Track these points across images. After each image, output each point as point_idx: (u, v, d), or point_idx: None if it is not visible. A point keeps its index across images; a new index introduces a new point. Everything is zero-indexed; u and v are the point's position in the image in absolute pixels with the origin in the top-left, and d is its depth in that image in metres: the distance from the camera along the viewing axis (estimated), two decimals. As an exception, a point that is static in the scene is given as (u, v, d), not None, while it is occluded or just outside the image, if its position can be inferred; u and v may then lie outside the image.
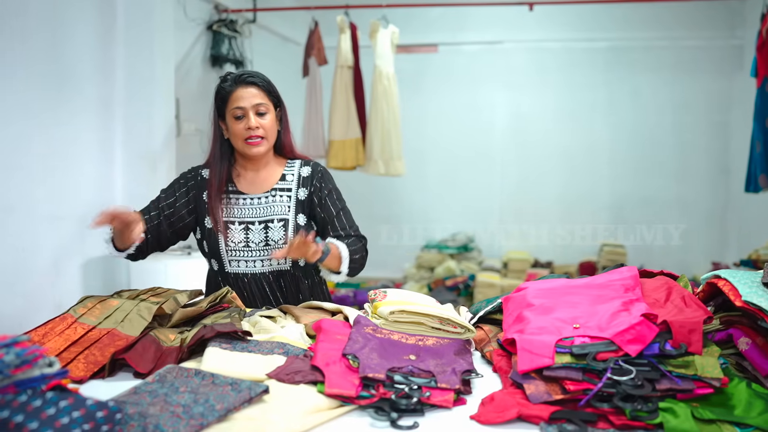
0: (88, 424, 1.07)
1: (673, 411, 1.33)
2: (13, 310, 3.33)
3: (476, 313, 1.99)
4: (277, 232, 2.42)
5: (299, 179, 2.50)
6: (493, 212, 7.46)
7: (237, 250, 2.42)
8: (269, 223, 2.42)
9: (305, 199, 2.48)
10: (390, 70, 5.52)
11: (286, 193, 2.47)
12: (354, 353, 1.58)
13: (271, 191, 2.47)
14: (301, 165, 2.54)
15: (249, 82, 2.41)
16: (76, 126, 3.77)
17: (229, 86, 2.42)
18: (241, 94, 2.40)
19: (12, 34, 3.29)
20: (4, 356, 1.12)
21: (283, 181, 2.49)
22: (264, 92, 2.42)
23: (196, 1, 5.16)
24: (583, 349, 1.47)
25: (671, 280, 1.77)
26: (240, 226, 2.42)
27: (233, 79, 2.43)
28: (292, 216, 2.44)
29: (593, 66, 7.21)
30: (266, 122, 2.40)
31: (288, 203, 2.46)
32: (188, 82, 5.11)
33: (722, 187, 7.09)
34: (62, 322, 1.86)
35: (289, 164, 2.54)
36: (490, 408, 1.39)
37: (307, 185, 2.49)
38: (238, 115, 2.39)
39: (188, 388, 1.44)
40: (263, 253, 2.42)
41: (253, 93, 2.40)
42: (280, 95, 2.51)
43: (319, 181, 2.50)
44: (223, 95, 2.44)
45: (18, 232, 3.37)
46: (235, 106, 2.39)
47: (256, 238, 2.42)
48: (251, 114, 2.38)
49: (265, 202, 2.45)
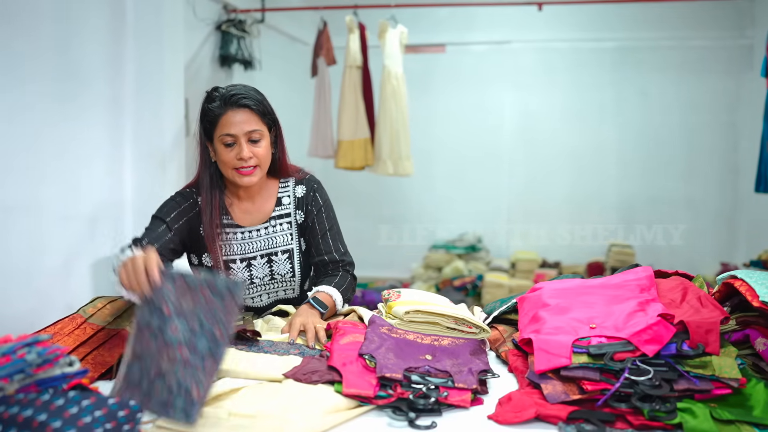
0: (110, 423, 1.08)
1: (691, 411, 1.33)
2: (24, 310, 3.33)
3: (490, 313, 1.98)
4: (282, 265, 2.25)
5: (296, 201, 2.30)
6: (501, 212, 7.46)
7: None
8: (272, 256, 2.25)
9: (303, 222, 2.30)
10: (399, 70, 5.52)
11: (286, 220, 2.28)
12: (370, 353, 1.58)
13: (270, 221, 2.27)
14: (295, 184, 2.32)
15: (241, 105, 2.11)
16: (86, 125, 3.78)
17: (218, 108, 2.12)
18: (231, 119, 2.10)
19: (22, 33, 3.30)
20: (26, 355, 1.13)
21: (279, 207, 2.28)
22: (257, 115, 2.14)
23: (205, 1, 5.16)
24: (600, 349, 1.47)
25: (686, 281, 1.77)
26: (242, 264, 2.23)
27: (223, 100, 2.12)
28: (295, 243, 2.28)
29: (601, 66, 7.19)
30: (260, 150, 2.13)
31: (289, 230, 2.28)
32: (197, 81, 5.12)
33: (731, 187, 7.07)
34: (72, 322, 1.86)
35: (282, 185, 2.31)
36: (507, 408, 1.39)
37: (302, 207, 2.29)
38: (228, 142, 2.11)
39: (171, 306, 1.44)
40: (269, 287, 2.28)
41: (245, 118, 2.11)
42: (275, 113, 2.24)
43: (312, 201, 2.30)
44: (211, 118, 2.13)
45: (28, 232, 3.37)
46: (225, 133, 2.10)
47: (260, 273, 2.25)
48: (243, 142, 2.10)
49: (266, 234, 2.25)
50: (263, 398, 1.43)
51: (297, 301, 2.33)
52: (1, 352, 1.11)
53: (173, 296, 1.47)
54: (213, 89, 2.18)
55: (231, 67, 5.55)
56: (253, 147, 2.12)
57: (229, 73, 5.58)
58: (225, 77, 5.55)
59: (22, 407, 1.06)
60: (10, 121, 3.24)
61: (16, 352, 1.12)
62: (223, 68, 5.49)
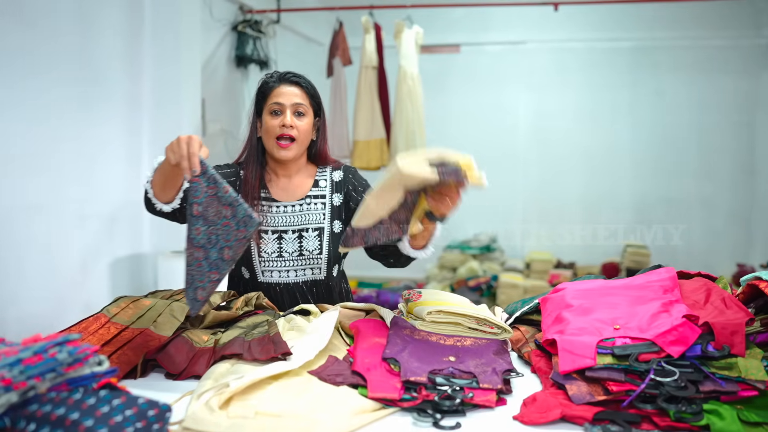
0: (141, 423, 1.09)
1: (718, 413, 1.32)
2: (44, 309, 3.36)
3: (512, 313, 1.98)
4: (312, 241, 2.33)
5: (332, 185, 2.42)
6: (515, 212, 7.45)
7: (270, 261, 2.33)
8: (303, 233, 2.34)
9: (340, 204, 2.40)
10: (414, 71, 5.52)
11: (321, 200, 2.39)
12: (394, 357, 1.59)
13: (305, 198, 2.38)
14: (332, 170, 2.46)
15: (293, 82, 2.33)
16: (105, 127, 3.81)
17: (273, 82, 2.34)
18: (282, 90, 2.31)
19: (42, 34, 3.33)
20: (57, 354, 1.14)
21: (316, 188, 2.41)
22: (306, 95, 2.34)
23: (221, 2, 5.19)
24: (624, 350, 1.47)
25: (710, 282, 1.76)
26: (273, 236, 2.33)
27: (278, 77, 2.35)
28: (327, 224, 2.37)
29: (617, 66, 7.18)
30: (302, 124, 2.31)
31: (323, 210, 2.38)
32: (213, 82, 5.14)
33: (747, 187, 7.03)
34: (96, 321, 1.86)
35: (320, 170, 2.45)
36: (532, 408, 1.39)
37: (340, 190, 2.41)
38: (276, 110, 2.30)
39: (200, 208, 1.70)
40: (297, 263, 2.34)
41: (294, 92, 2.32)
42: (322, 104, 2.43)
43: (352, 183, 2.43)
44: (265, 90, 2.35)
45: (47, 232, 3.40)
46: (274, 101, 2.30)
47: (290, 248, 2.33)
48: (288, 112, 2.29)
49: (299, 210, 2.36)
50: (290, 397, 1.43)
51: (324, 283, 2.38)
52: (33, 351, 1.11)
53: (203, 198, 1.69)
54: (273, 71, 2.42)
55: (247, 67, 5.57)
56: (296, 119, 2.30)
57: (245, 73, 5.60)
58: (241, 77, 5.57)
59: (55, 406, 1.07)
60: (30, 123, 3.27)
61: (48, 351, 1.13)
62: (239, 68, 5.52)
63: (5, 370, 1.06)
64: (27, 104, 3.25)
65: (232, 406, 1.36)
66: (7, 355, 1.09)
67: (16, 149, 3.20)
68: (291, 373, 1.58)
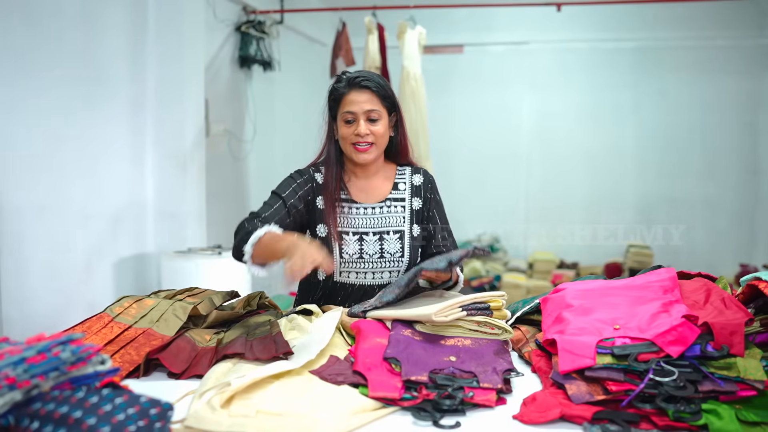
0: (143, 421, 1.10)
1: (717, 413, 1.33)
2: (48, 308, 3.38)
3: (513, 313, 1.99)
4: (393, 244, 2.33)
5: (412, 188, 2.41)
6: (518, 213, 7.45)
7: (351, 262, 2.30)
8: (384, 235, 2.34)
9: (420, 209, 2.40)
10: (417, 71, 5.52)
11: (401, 203, 2.38)
12: (395, 356, 1.60)
13: (386, 201, 2.38)
14: (412, 173, 2.44)
15: (363, 86, 2.29)
16: (108, 127, 3.82)
17: (343, 88, 2.31)
18: (353, 97, 2.28)
19: (46, 34, 3.35)
20: (61, 353, 1.15)
21: (396, 191, 2.40)
22: (378, 97, 2.29)
23: (224, 3, 5.20)
24: (624, 350, 1.47)
25: (710, 282, 1.76)
26: (354, 237, 2.32)
27: (348, 81, 2.31)
28: (407, 227, 2.37)
29: (619, 66, 7.17)
30: (377, 128, 2.28)
31: (403, 214, 2.38)
32: (217, 82, 5.15)
33: (750, 188, 7.03)
34: (99, 321, 1.87)
35: (399, 171, 2.44)
36: (532, 408, 1.40)
37: (419, 195, 2.41)
38: (349, 119, 2.28)
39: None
40: (376, 265, 2.32)
41: (365, 98, 2.28)
42: (396, 99, 2.39)
43: (431, 192, 2.43)
44: (336, 96, 2.33)
45: (52, 232, 3.42)
46: (347, 110, 2.28)
47: (371, 250, 2.32)
48: (362, 120, 2.26)
49: (380, 213, 2.36)
50: (291, 396, 1.44)
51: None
52: (37, 350, 1.13)
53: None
54: (342, 73, 2.36)
55: (250, 68, 5.58)
56: (370, 125, 2.28)
57: (249, 74, 5.61)
58: (244, 78, 5.58)
59: (58, 404, 1.08)
60: (34, 122, 3.29)
61: (51, 350, 1.14)
62: (243, 69, 5.53)
63: (9, 369, 1.08)
64: (31, 103, 3.27)
65: (234, 405, 1.37)
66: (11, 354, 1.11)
67: (19, 149, 3.22)
68: (292, 372, 1.59)
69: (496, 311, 1.81)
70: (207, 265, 3.89)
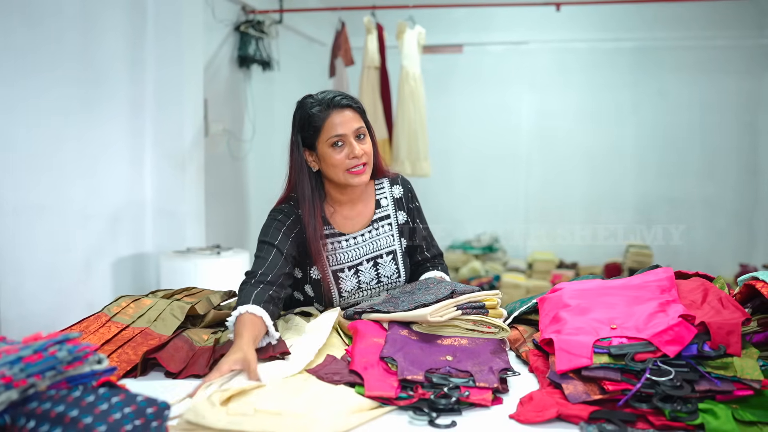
0: (139, 420, 1.10)
1: (713, 412, 1.33)
2: (46, 308, 3.38)
3: (511, 313, 1.99)
4: (388, 267, 2.24)
5: (394, 202, 2.31)
6: (518, 213, 7.45)
7: (350, 295, 2.21)
8: (378, 260, 2.24)
9: (405, 222, 2.31)
10: (417, 71, 5.52)
11: (387, 221, 2.28)
12: (392, 356, 1.60)
13: (372, 224, 2.26)
14: (391, 184, 2.32)
15: (343, 105, 2.11)
16: (107, 127, 3.82)
17: (321, 113, 2.10)
18: (337, 119, 2.09)
19: (46, 34, 3.35)
20: (57, 353, 1.15)
21: (379, 209, 2.28)
22: (359, 113, 2.15)
23: (223, 3, 5.20)
24: (621, 349, 1.48)
25: (707, 282, 1.77)
26: (350, 272, 2.20)
27: (323, 104, 2.11)
28: (398, 244, 2.28)
29: (619, 66, 7.17)
30: (367, 147, 2.13)
31: (391, 232, 2.28)
32: (216, 82, 5.15)
33: (750, 188, 7.02)
34: (96, 320, 1.87)
35: (378, 186, 2.32)
36: (529, 407, 1.40)
37: (403, 207, 2.31)
38: (337, 142, 2.09)
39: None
40: (374, 291, 2.25)
41: (350, 116, 2.11)
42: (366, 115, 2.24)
43: (411, 201, 2.33)
44: (316, 124, 2.10)
45: (50, 232, 3.42)
46: (334, 134, 2.08)
47: (367, 278, 2.23)
48: (352, 140, 2.09)
49: (369, 238, 2.24)
50: (288, 395, 1.45)
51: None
52: (33, 349, 1.13)
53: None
54: (305, 98, 2.18)
55: (249, 67, 5.58)
56: (361, 144, 2.12)
57: (248, 73, 5.61)
58: (243, 78, 5.58)
59: (54, 403, 1.08)
60: (33, 122, 3.29)
61: (48, 349, 1.14)
62: (242, 69, 5.53)
63: (6, 368, 1.08)
64: (30, 103, 3.27)
65: (232, 403, 1.37)
66: (8, 353, 1.11)
67: (19, 149, 3.22)
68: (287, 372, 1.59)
69: (491, 310, 1.81)
70: (206, 265, 3.88)
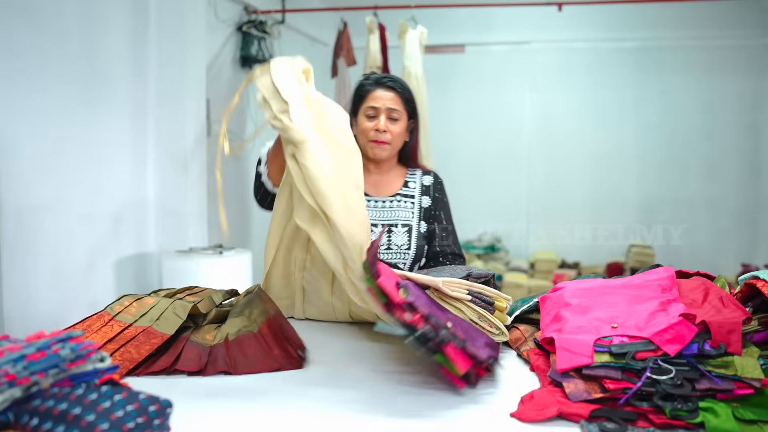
0: (142, 418, 1.10)
1: (713, 411, 1.33)
2: (50, 307, 3.39)
3: (512, 312, 1.99)
4: (400, 237, 2.41)
5: (422, 188, 2.51)
6: (520, 212, 7.45)
7: None
8: (393, 227, 2.42)
9: (428, 207, 2.49)
10: (419, 71, 5.53)
11: (410, 200, 2.48)
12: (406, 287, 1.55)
13: (396, 196, 2.47)
14: (422, 174, 2.55)
15: (389, 86, 2.42)
16: (110, 126, 3.83)
17: (370, 85, 2.43)
18: (378, 94, 2.40)
19: (48, 34, 3.36)
20: (60, 350, 1.15)
21: (406, 188, 2.50)
22: (401, 99, 2.42)
23: (226, 3, 5.21)
24: (621, 348, 1.48)
25: (708, 281, 1.77)
26: None
27: (375, 80, 2.44)
28: (415, 222, 2.45)
29: (621, 66, 7.17)
30: (395, 128, 2.41)
31: (412, 209, 2.46)
32: (218, 82, 5.16)
33: (753, 188, 7.03)
34: (99, 319, 1.87)
35: (410, 172, 2.55)
36: (530, 406, 1.40)
37: (429, 194, 2.51)
38: (370, 114, 2.40)
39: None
40: (383, 256, 2.38)
41: (389, 97, 2.40)
42: (416, 107, 2.50)
43: (439, 192, 2.53)
44: (361, 93, 2.45)
45: (53, 231, 3.43)
46: (369, 105, 2.40)
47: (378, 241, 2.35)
48: (382, 116, 2.38)
49: (389, 207, 2.45)
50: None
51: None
52: (36, 347, 1.13)
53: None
54: (371, 73, 2.52)
55: (252, 67, 5.59)
56: (390, 124, 2.40)
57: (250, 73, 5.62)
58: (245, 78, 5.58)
59: (58, 401, 1.09)
60: (36, 123, 3.29)
61: (51, 347, 1.15)
62: (244, 69, 5.54)
63: (9, 366, 1.08)
64: (32, 103, 3.27)
65: None
66: (11, 352, 1.11)
67: (21, 149, 3.23)
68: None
69: (498, 311, 1.81)
70: (208, 265, 3.89)
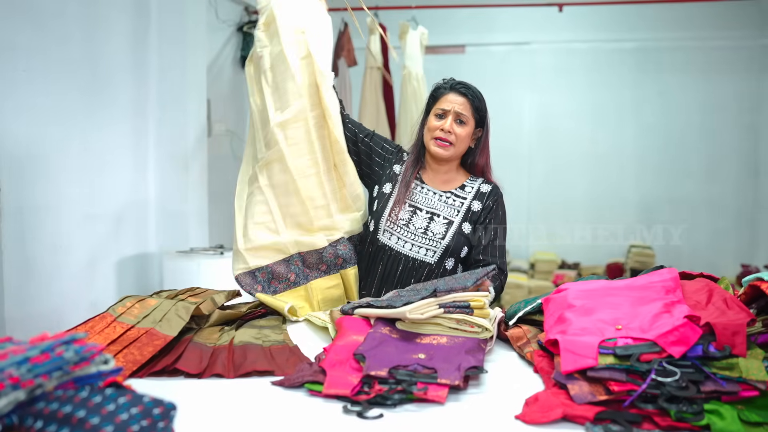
0: (146, 420, 1.10)
1: (719, 413, 1.33)
2: (50, 308, 3.38)
3: (515, 313, 1.99)
4: (439, 226, 2.50)
5: (477, 193, 2.58)
6: (520, 213, 7.44)
7: (396, 225, 2.50)
8: (435, 216, 2.51)
9: (477, 211, 2.55)
10: (419, 72, 5.53)
11: (460, 199, 2.56)
12: (363, 353, 1.61)
13: (447, 192, 2.57)
14: (483, 182, 2.63)
15: (461, 92, 2.53)
16: (110, 127, 3.83)
17: (444, 88, 2.56)
18: (450, 98, 2.52)
19: (52, 36, 3.35)
20: (64, 353, 1.15)
21: (461, 190, 2.58)
22: (471, 106, 2.53)
23: (227, 3, 5.20)
24: (626, 350, 1.47)
25: (712, 282, 1.77)
26: (409, 208, 2.52)
27: (450, 84, 2.56)
28: (458, 220, 2.52)
29: (621, 67, 7.17)
30: (461, 131, 2.51)
31: (459, 208, 2.54)
32: (219, 83, 5.16)
33: (752, 188, 7.02)
34: (102, 321, 1.87)
35: (471, 179, 2.63)
36: (534, 408, 1.40)
37: (482, 199, 2.57)
38: (440, 113, 2.51)
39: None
40: (417, 239, 2.49)
41: (460, 101, 2.51)
42: (487, 117, 2.63)
43: (494, 202, 2.59)
44: (436, 95, 2.57)
45: (55, 232, 3.42)
46: (440, 107, 2.52)
47: (418, 223, 2.50)
48: (450, 118, 2.49)
49: (439, 199, 2.55)
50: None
51: (431, 269, 2.49)
52: (40, 349, 1.13)
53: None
54: (450, 78, 2.62)
55: (252, 68, 5.58)
56: (456, 126, 2.51)
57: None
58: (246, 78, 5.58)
59: (62, 403, 1.08)
60: (37, 123, 3.29)
61: (55, 349, 1.14)
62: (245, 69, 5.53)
63: (13, 369, 1.08)
64: (33, 104, 3.27)
65: None
66: (15, 354, 1.11)
67: (23, 149, 3.22)
68: None
69: (477, 310, 1.82)
70: (209, 265, 3.89)
